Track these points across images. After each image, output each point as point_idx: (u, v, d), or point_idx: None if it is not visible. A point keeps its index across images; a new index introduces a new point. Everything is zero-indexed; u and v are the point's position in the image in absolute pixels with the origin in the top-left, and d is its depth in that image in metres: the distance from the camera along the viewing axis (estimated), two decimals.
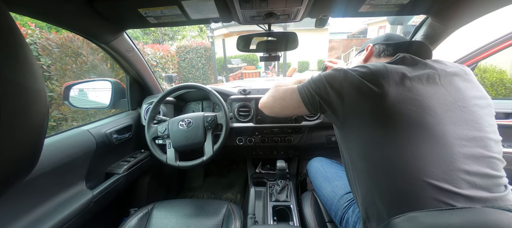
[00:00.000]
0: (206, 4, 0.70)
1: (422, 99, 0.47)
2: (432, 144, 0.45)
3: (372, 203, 0.51)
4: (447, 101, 0.49)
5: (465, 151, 0.45)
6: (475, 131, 0.47)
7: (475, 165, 0.44)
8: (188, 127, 1.03)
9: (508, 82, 2.85)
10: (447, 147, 0.44)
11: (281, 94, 0.69)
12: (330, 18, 0.86)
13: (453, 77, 0.52)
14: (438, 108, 0.47)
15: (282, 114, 0.74)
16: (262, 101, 0.77)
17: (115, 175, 1.02)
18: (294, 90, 0.66)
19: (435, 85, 0.50)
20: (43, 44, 2.52)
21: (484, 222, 0.35)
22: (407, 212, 0.43)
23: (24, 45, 0.23)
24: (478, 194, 0.43)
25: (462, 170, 0.44)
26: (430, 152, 0.45)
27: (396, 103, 0.47)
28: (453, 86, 0.51)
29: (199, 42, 7.02)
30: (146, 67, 1.21)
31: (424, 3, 0.77)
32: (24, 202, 0.69)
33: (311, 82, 0.62)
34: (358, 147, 0.54)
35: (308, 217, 0.86)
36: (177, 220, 0.85)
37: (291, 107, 0.68)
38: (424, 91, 0.48)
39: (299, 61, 12.53)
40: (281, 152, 1.40)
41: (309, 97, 0.61)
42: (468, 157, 0.45)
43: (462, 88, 0.51)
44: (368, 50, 0.71)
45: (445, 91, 0.50)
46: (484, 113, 0.50)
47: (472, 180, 0.43)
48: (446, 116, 0.47)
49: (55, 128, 2.57)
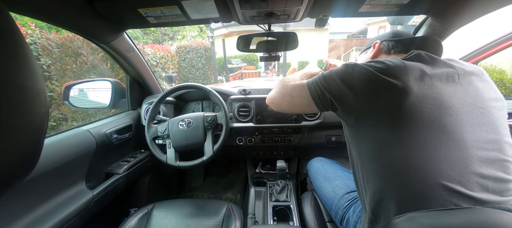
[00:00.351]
0: (206, 4, 0.70)
1: (442, 98, 0.46)
2: (450, 145, 0.44)
3: (380, 203, 0.50)
4: (467, 101, 0.47)
5: (481, 154, 0.44)
6: (493, 133, 0.46)
7: (490, 168, 0.44)
8: (188, 127, 1.03)
9: (508, 82, 2.85)
10: (464, 149, 0.44)
11: (289, 91, 0.65)
12: (330, 18, 0.86)
13: (471, 76, 0.51)
14: (458, 109, 0.46)
15: (290, 111, 0.72)
16: (270, 96, 0.73)
17: (115, 175, 1.02)
18: (303, 87, 0.62)
19: (454, 84, 0.49)
20: (43, 44, 2.52)
21: (484, 222, 0.35)
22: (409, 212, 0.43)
23: (24, 45, 0.23)
24: (489, 198, 0.42)
25: (477, 173, 0.43)
26: (447, 154, 0.43)
27: (416, 100, 0.45)
28: (472, 86, 0.49)
29: (199, 42, 7.02)
30: (146, 67, 1.21)
31: (424, 3, 0.77)
32: (24, 202, 0.69)
33: (321, 78, 0.58)
34: (370, 145, 0.52)
35: (308, 217, 0.86)
36: (177, 220, 0.85)
37: (300, 105, 0.65)
38: (444, 90, 0.47)
39: (299, 61, 12.52)
40: (281, 152, 1.40)
41: (319, 94, 0.58)
42: (484, 160, 0.44)
43: (480, 89, 0.50)
44: (375, 48, 0.68)
45: (464, 91, 0.48)
46: (500, 116, 0.49)
47: (485, 183, 0.43)
48: (465, 118, 0.46)
49: (55, 128, 2.57)
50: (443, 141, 0.44)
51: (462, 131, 0.44)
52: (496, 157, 0.45)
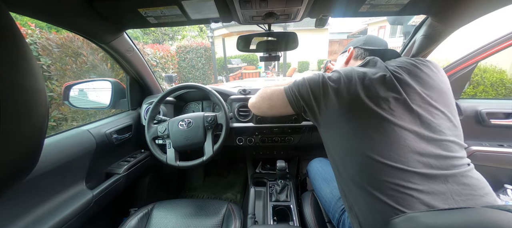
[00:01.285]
0: (206, 4, 0.70)
1: (378, 94, 0.56)
2: (388, 132, 0.53)
3: (347, 190, 0.59)
4: (400, 95, 0.56)
5: (416, 137, 0.52)
6: (426, 118, 0.54)
7: (428, 147, 0.51)
8: (188, 127, 1.03)
9: (508, 82, 2.85)
10: (401, 134, 0.52)
11: (269, 95, 0.75)
12: (330, 18, 0.86)
13: (405, 74, 0.59)
14: (391, 102, 0.55)
15: (270, 114, 0.80)
16: (251, 101, 0.82)
17: (115, 175, 1.02)
18: (281, 91, 0.72)
19: (390, 81, 0.58)
20: (43, 44, 2.52)
21: (484, 222, 0.35)
22: (406, 213, 0.44)
23: (24, 45, 0.23)
24: (435, 172, 0.49)
25: (416, 152, 0.50)
26: (386, 139, 0.52)
27: (358, 100, 0.56)
28: (403, 82, 0.58)
29: (199, 42, 7.01)
30: (146, 67, 1.21)
31: (424, 3, 0.77)
32: (24, 202, 0.69)
33: (296, 84, 0.69)
34: (333, 141, 0.63)
35: (308, 217, 0.86)
36: (177, 220, 0.85)
37: (278, 107, 0.73)
38: (379, 88, 0.57)
39: (299, 61, 12.52)
40: (281, 152, 1.40)
41: (294, 98, 0.68)
42: (420, 142, 0.52)
43: (411, 83, 0.58)
44: (349, 52, 0.80)
45: (399, 87, 0.57)
46: (438, 103, 0.57)
47: (426, 160, 0.50)
48: (397, 108, 0.55)
49: (55, 128, 2.57)
50: (380, 129, 0.53)
51: (397, 120, 0.53)
52: (431, 138, 0.52)
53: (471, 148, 1.14)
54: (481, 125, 1.15)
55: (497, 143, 1.15)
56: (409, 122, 0.54)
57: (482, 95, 2.87)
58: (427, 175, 0.48)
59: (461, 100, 1.20)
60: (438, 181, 0.48)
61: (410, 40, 1.05)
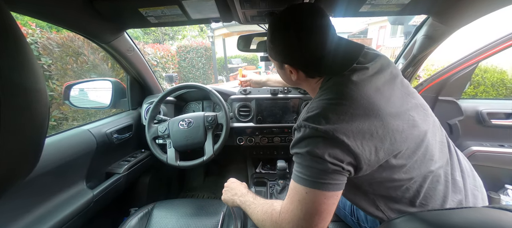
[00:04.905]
0: (206, 3, 0.70)
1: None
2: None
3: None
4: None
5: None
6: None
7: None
8: (188, 127, 1.03)
9: (509, 82, 2.85)
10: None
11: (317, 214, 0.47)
12: (330, 17, 0.86)
13: (373, 76, 0.58)
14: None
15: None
16: None
17: (116, 174, 1.02)
18: (300, 195, 0.47)
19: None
20: (43, 44, 2.52)
21: (484, 221, 0.35)
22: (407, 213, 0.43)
23: (25, 44, 0.23)
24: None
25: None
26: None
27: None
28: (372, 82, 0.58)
29: (200, 42, 7.02)
30: (146, 66, 1.21)
31: (425, 3, 0.77)
32: (25, 202, 0.69)
33: (300, 168, 0.48)
34: None
35: None
36: (177, 219, 0.85)
37: (326, 212, 0.47)
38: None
39: None
40: (282, 152, 1.40)
41: (322, 181, 0.45)
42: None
43: (380, 87, 0.57)
44: None
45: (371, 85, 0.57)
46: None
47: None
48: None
49: (56, 128, 2.57)
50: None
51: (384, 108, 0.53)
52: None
53: (472, 148, 1.14)
54: (482, 125, 1.15)
55: (497, 143, 1.15)
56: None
57: (483, 95, 2.87)
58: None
59: (462, 100, 1.20)
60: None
61: (411, 40, 1.05)
